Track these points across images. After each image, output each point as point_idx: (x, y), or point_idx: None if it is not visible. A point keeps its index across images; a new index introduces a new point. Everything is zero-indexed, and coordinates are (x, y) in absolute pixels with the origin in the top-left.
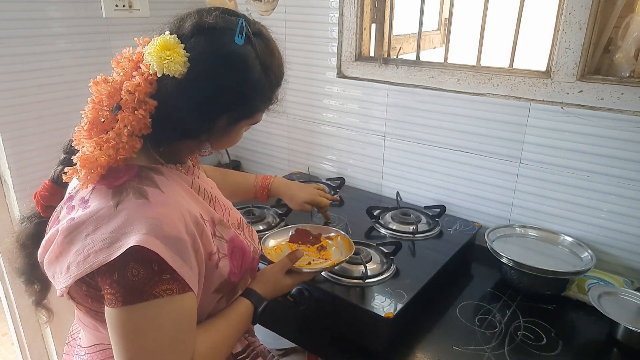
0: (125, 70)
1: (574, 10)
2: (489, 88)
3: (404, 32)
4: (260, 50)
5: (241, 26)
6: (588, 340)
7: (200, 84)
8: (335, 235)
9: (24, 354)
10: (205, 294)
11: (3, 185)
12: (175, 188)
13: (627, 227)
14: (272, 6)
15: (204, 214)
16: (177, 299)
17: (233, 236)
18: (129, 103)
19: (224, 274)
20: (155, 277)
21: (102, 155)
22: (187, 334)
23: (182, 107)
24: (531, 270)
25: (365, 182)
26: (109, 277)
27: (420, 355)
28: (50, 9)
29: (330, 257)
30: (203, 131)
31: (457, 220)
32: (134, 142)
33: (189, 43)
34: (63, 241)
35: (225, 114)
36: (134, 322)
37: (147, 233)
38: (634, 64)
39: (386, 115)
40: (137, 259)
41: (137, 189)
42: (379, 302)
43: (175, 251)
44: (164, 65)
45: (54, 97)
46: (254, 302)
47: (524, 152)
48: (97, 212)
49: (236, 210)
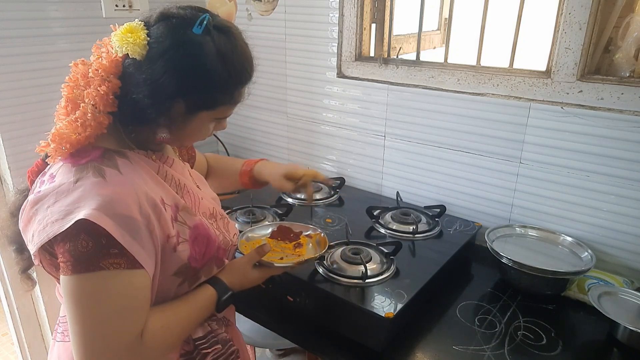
0: (99, 54)
1: (574, 10)
2: (489, 88)
3: (404, 32)
4: (220, 43)
5: (202, 19)
6: (588, 340)
7: (155, 65)
8: (315, 234)
9: (24, 354)
10: (164, 276)
11: (3, 185)
12: (137, 171)
13: (627, 227)
14: (272, 6)
15: (165, 199)
16: (125, 274)
17: (198, 224)
18: (95, 80)
19: (183, 258)
20: (103, 251)
21: (72, 134)
22: (136, 309)
23: (140, 86)
24: (531, 270)
25: (365, 182)
26: (63, 246)
27: (420, 355)
28: (50, 9)
29: (304, 254)
30: (160, 114)
31: (457, 220)
32: (100, 119)
33: (152, 29)
34: (29, 211)
35: (180, 98)
36: (82, 291)
37: (96, 208)
38: (634, 64)
39: (386, 115)
40: (88, 232)
41: (97, 168)
42: (379, 302)
43: (125, 228)
44: (123, 46)
45: (54, 97)
46: (217, 290)
47: (524, 152)
48: (59, 186)
49: (212, 201)
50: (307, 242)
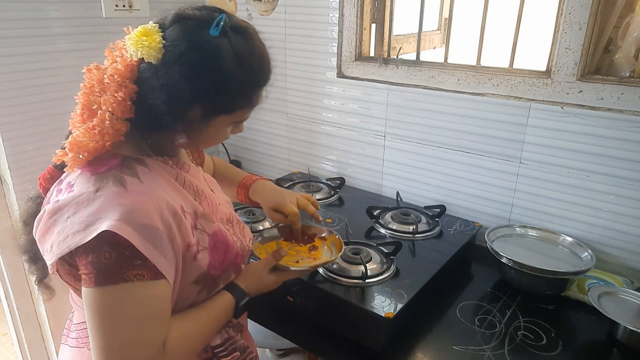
0: (114, 58)
1: (574, 10)
2: (489, 88)
3: (404, 32)
4: (237, 45)
5: (219, 19)
6: (588, 340)
7: (171, 69)
8: (330, 236)
9: (24, 354)
10: (184, 284)
11: (3, 185)
12: (156, 179)
13: (627, 227)
14: (272, 6)
15: (185, 206)
16: (148, 285)
17: (216, 230)
18: (111, 87)
19: (203, 266)
20: (126, 262)
21: (89, 142)
22: (159, 320)
23: (156, 92)
24: (531, 270)
25: (365, 182)
26: (85, 258)
27: (420, 355)
28: (50, 9)
29: (320, 257)
30: (177, 119)
31: (457, 220)
32: (118, 126)
33: (167, 31)
34: (48, 221)
35: (198, 103)
36: (105, 303)
37: (119, 219)
38: (634, 64)
39: (386, 115)
40: (110, 243)
41: (117, 177)
42: (379, 302)
43: (147, 238)
44: (139, 50)
45: (54, 97)
46: (235, 296)
47: (524, 152)
48: (79, 196)
49: (228, 206)
50: (322, 245)
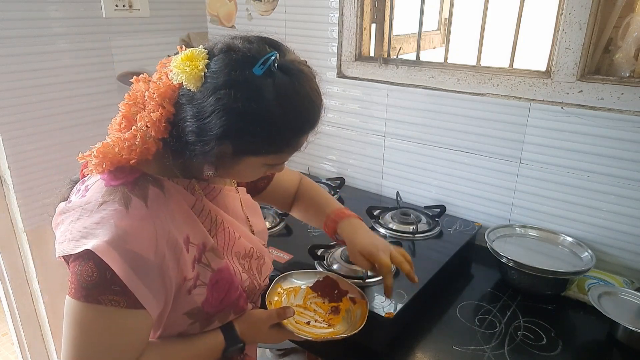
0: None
1: (574, 10)
2: (489, 88)
3: (404, 32)
4: (282, 87)
5: (267, 58)
6: (588, 340)
7: (206, 101)
8: (360, 300)
9: (24, 354)
10: (175, 313)
11: (3, 185)
12: (167, 205)
13: (627, 227)
14: (272, 6)
15: (193, 237)
16: (122, 313)
17: (223, 267)
18: (149, 104)
19: (197, 302)
20: (105, 284)
21: (116, 153)
22: (129, 347)
23: (188, 120)
24: (531, 270)
25: (365, 182)
26: (73, 266)
27: (420, 355)
28: (50, 9)
29: (335, 326)
30: (206, 152)
31: (457, 220)
32: (149, 145)
33: (213, 60)
34: (57, 218)
35: (228, 141)
36: (79, 317)
37: (107, 241)
38: (634, 64)
39: (386, 115)
40: (96, 262)
41: (125, 195)
42: (379, 302)
43: (132, 267)
44: (179, 75)
45: (54, 97)
46: (227, 339)
47: (524, 152)
48: (86, 204)
49: (253, 239)
50: (345, 309)
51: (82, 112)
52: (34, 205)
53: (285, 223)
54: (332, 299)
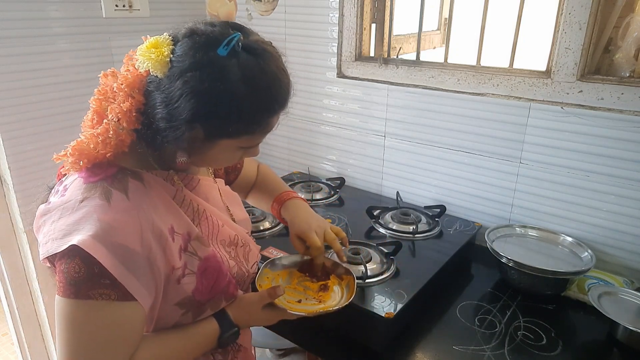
0: (128, 67)
1: (574, 10)
2: (489, 88)
3: (404, 32)
4: (247, 67)
5: (230, 39)
6: (588, 340)
7: (173, 85)
8: (347, 276)
9: (24, 354)
10: (166, 305)
11: (3, 185)
12: (148, 196)
13: (627, 227)
14: (272, 6)
15: (177, 227)
16: (114, 306)
17: (210, 255)
18: (119, 96)
19: (187, 291)
20: (93, 279)
21: (91, 150)
22: (124, 340)
23: (157, 107)
24: (531, 270)
25: (365, 182)
26: (59, 265)
27: (420, 355)
28: (50, 9)
29: (326, 302)
30: (176, 138)
31: (457, 220)
32: (122, 137)
33: (177, 45)
34: (38, 221)
35: (198, 123)
36: (70, 315)
37: (92, 235)
38: (634, 64)
39: (386, 115)
40: (82, 257)
41: (105, 189)
42: (379, 302)
43: (119, 259)
44: (145, 62)
45: (54, 97)
46: (222, 325)
47: (524, 152)
48: (66, 202)
49: (236, 226)
50: (335, 285)
51: (82, 112)
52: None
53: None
54: (320, 278)
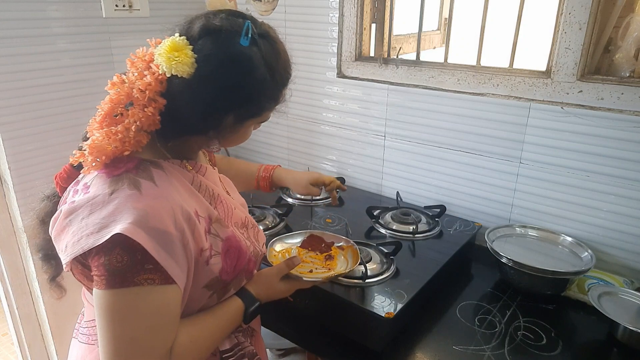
0: (139, 70)
1: (574, 10)
2: (489, 88)
3: (404, 32)
4: (266, 52)
5: (247, 28)
6: (588, 340)
7: (206, 85)
8: (347, 246)
9: (24, 354)
10: (195, 288)
11: (3, 185)
12: (172, 182)
13: (627, 227)
14: (272, 6)
15: (200, 211)
16: (159, 289)
17: (230, 235)
18: (140, 100)
19: (214, 271)
20: (137, 266)
21: (108, 146)
22: (167, 325)
23: (190, 106)
24: (531, 270)
25: (365, 182)
26: (97, 260)
27: (420, 355)
28: (50, 9)
29: (335, 268)
30: (210, 129)
31: (457, 220)
32: (140, 137)
33: (197, 45)
34: (63, 221)
35: (232, 112)
36: (115, 306)
37: (132, 222)
38: (634, 64)
39: (386, 115)
40: (123, 246)
41: (132, 180)
42: (379, 302)
43: (159, 243)
44: (172, 66)
45: (54, 97)
46: (245, 301)
47: (524, 152)
48: (94, 198)
49: (243, 209)
50: (338, 254)
51: (82, 113)
52: (34, 205)
53: (286, 223)
54: (323, 250)
